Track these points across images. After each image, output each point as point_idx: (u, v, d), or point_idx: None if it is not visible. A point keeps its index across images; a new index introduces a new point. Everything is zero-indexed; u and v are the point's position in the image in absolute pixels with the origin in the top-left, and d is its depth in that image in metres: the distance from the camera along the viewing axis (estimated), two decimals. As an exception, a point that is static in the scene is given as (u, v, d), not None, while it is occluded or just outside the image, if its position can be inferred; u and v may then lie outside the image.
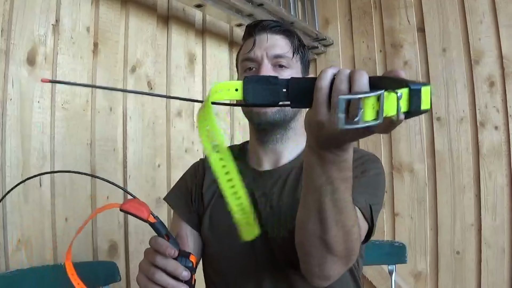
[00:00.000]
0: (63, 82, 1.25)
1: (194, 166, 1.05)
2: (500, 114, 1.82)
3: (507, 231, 1.78)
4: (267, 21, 0.96)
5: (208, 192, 0.97)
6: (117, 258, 1.34)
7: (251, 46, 0.92)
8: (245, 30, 0.98)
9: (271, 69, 0.90)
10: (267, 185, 0.93)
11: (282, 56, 0.91)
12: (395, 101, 0.47)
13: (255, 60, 0.91)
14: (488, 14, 1.86)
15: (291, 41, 0.95)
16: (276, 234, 0.88)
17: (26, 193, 1.12)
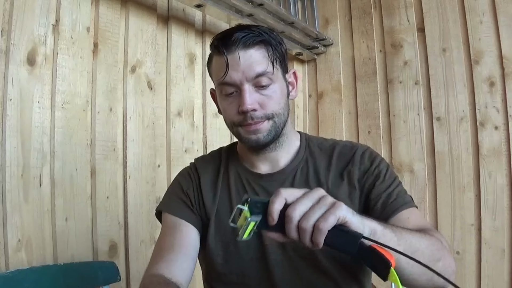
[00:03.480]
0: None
1: (186, 171, 1.01)
2: (500, 114, 1.82)
3: (507, 231, 1.78)
4: (238, 32, 0.85)
5: (208, 196, 0.94)
6: (117, 258, 1.34)
7: (224, 69, 0.84)
8: (211, 43, 0.90)
9: (253, 92, 0.85)
10: (273, 187, 0.90)
11: (263, 74, 0.84)
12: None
13: (233, 84, 0.85)
14: (488, 14, 1.85)
15: (267, 50, 0.86)
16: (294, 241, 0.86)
17: (26, 193, 1.12)
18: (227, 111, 0.88)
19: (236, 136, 0.91)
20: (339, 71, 2.26)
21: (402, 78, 2.06)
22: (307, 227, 0.58)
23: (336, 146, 0.95)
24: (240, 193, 0.92)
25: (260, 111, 0.85)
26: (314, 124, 2.32)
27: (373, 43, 2.16)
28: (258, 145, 0.88)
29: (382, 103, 2.12)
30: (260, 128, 0.85)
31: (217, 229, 0.91)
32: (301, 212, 0.59)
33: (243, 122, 0.85)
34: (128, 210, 1.39)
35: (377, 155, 0.94)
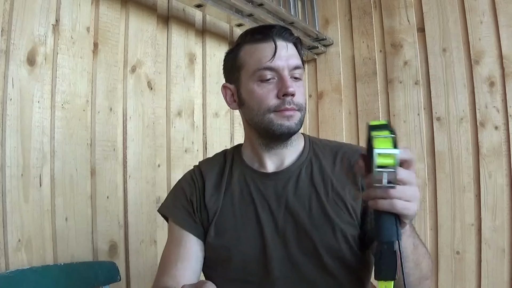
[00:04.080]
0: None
1: (190, 175, 1.01)
2: (500, 114, 1.82)
3: (507, 231, 1.78)
4: (277, 27, 0.92)
5: (211, 200, 0.94)
6: (117, 258, 1.34)
7: (272, 54, 0.88)
8: (249, 34, 0.94)
9: (291, 81, 0.89)
10: (278, 185, 0.92)
11: (299, 67, 0.91)
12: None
13: (276, 70, 0.88)
14: (488, 14, 1.85)
15: (299, 49, 0.94)
16: (296, 238, 0.88)
17: (26, 193, 1.12)
18: (263, 96, 0.88)
19: (266, 124, 0.89)
20: (339, 71, 2.26)
21: (402, 78, 2.06)
22: (395, 196, 0.65)
23: (340, 148, 0.97)
24: (243, 192, 0.93)
25: (297, 97, 0.88)
26: (314, 124, 2.32)
27: (373, 43, 2.16)
28: (288, 132, 0.89)
29: (382, 103, 2.12)
30: (294, 115, 0.88)
31: (218, 228, 0.92)
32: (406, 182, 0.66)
33: (280, 106, 0.87)
34: (128, 210, 1.39)
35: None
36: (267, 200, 0.91)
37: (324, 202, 0.90)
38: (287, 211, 0.90)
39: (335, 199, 0.90)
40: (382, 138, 0.62)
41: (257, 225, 0.90)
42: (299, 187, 0.92)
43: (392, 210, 0.65)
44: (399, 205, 0.65)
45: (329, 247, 0.87)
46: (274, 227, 0.89)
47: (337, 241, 0.87)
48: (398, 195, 0.65)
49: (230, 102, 0.97)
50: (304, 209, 0.89)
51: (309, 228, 0.88)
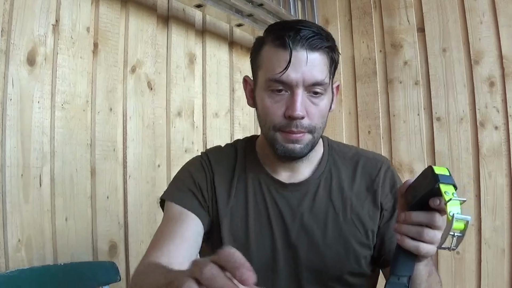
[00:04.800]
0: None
1: (198, 161, 0.93)
2: (500, 114, 1.82)
3: (507, 231, 1.78)
4: (306, 30, 0.78)
5: (222, 197, 0.88)
6: (117, 258, 1.34)
7: (285, 66, 0.77)
8: (271, 31, 0.82)
9: (305, 98, 0.80)
10: (294, 199, 0.87)
11: (321, 84, 0.80)
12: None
13: (288, 84, 0.79)
14: (488, 14, 1.85)
15: (329, 59, 0.82)
16: (307, 254, 0.85)
17: (26, 193, 1.12)
18: (270, 110, 0.81)
19: (270, 140, 0.84)
20: (339, 71, 2.26)
21: (402, 78, 2.06)
22: (424, 239, 0.67)
23: (360, 158, 0.93)
24: (257, 200, 0.88)
25: (306, 120, 0.80)
26: (314, 124, 2.32)
27: (373, 43, 2.16)
28: (291, 156, 0.82)
29: (382, 103, 2.12)
30: (301, 138, 0.81)
31: (230, 234, 0.86)
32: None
33: (285, 127, 0.80)
34: (128, 210, 1.39)
35: (396, 175, 0.94)
36: (282, 213, 0.86)
37: (341, 221, 0.86)
38: (301, 227, 0.86)
39: (353, 219, 0.87)
40: (456, 201, 0.62)
41: (269, 237, 0.86)
42: (316, 202, 0.87)
43: (416, 252, 0.67)
44: (424, 249, 0.66)
45: (339, 268, 0.85)
46: (286, 241, 0.86)
47: (349, 262, 0.85)
48: (427, 239, 0.66)
49: (248, 98, 0.91)
50: (319, 226, 0.86)
51: (322, 247, 0.85)
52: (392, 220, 0.89)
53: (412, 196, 0.68)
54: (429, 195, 0.65)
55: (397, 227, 0.69)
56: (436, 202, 0.64)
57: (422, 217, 0.66)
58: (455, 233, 0.62)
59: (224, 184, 0.89)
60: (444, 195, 0.62)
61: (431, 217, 0.66)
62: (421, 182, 0.67)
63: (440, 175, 0.64)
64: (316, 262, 0.85)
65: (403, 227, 0.68)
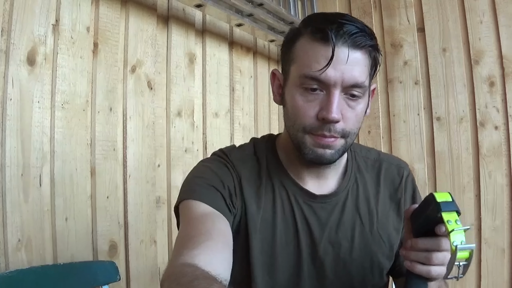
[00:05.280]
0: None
1: (221, 162, 0.82)
2: (500, 114, 1.82)
3: (507, 231, 1.78)
4: (350, 25, 0.71)
5: (252, 206, 0.79)
6: (117, 258, 1.34)
7: (325, 63, 0.70)
8: (311, 23, 0.75)
9: (342, 100, 0.73)
10: (322, 212, 0.82)
11: (360, 86, 0.73)
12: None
13: (325, 83, 0.71)
14: (488, 14, 1.86)
15: (371, 59, 0.76)
16: (333, 269, 0.82)
17: (26, 193, 1.12)
18: (301, 111, 0.74)
19: (298, 143, 0.77)
20: (339, 71, 2.26)
21: (402, 78, 2.06)
22: (434, 263, 0.67)
23: (382, 163, 0.90)
24: (285, 211, 0.81)
25: (341, 125, 0.73)
26: (314, 124, 2.32)
27: (373, 43, 2.15)
28: (320, 161, 0.76)
29: (382, 103, 2.12)
30: (333, 144, 0.74)
31: (260, 246, 0.80)
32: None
33: (317, 130, 0.73)
34: (128, 210, 1.39)
35: (414, 180, 0.92)
36: (310, 225, 0.81)
37: (367, 234, 0.83)
38: (329, 241, 0.81)
39: (380, 231, 0.84)
40: (459, 231, 0.62)
41: (295, 251, 0.80)
42: (344, 215, 0.83)
43: (427, 276, 0.67)
44: (435, 272, 0.66)
45: (363, 283, 0.83)
46: (313, 256, 0.81)
47: (373, 276, 0.84)
48: (437, 262, 0.65)
49: (276, 93, 0.83)
50: (346, 240, 0.82)
51: (348, 262, 0.82)
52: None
53: (417, 223, 0.68)
54: (433, 222, 0.65)
55: (405, 253, 0.68)
56: (442, 229, 0.63)
57: (429, 243, 0.66)
58: (460, 262, 0.62)
59: (253, 191, 0.81)
60: (447, 225, 0.62)
61: (438, 243, 0.65)
62: (424, 209, 0.67)
63: (442, 203, 0.63)
64: (341, 277, 0.82)
65: (412, 254, 0.67)
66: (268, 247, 0.80)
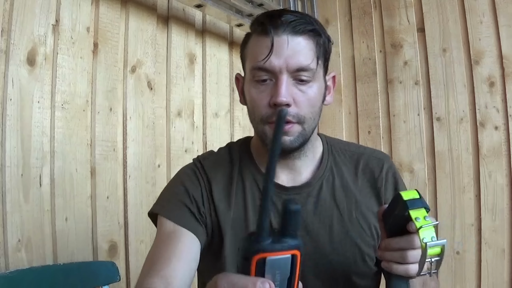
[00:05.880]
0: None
1: (192, 170, 0.87)
2: (500, 114, 1.82)
3: (507, 231, 1.78)
4: (287, 15, 0.76)
5: (221, 206, 0.83)
6: (117, 258, 1.34)
7: (267, 52, 0.75)
8: (255, 22, 0.80)
9: (291, 85, 0.76)
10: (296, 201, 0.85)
11: (306, 69, 0.76)
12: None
13: (271, 71, 0.76)
14: (488, 14, 1.85)
15: (315, 43, 0.78)
16: (314, 260, 0.81)
17: (26, 193, 1.12)
18: (256, 101, 0.78)
19: (260, 135, 0.80)
20: (339, 71, 2.26)
21: (402, 78, 2.06)
22: (410, 261, 0.66)
23: (361, 155, 0.91)
24: (257, 206, 0.82)
25: (294, 109, 0.76)
26: (314, 124, 2.32)
27: (373, 43, 2.16)
28: (282, 149, 0.77)
29: (382, 103, 2.12)
30: (289, 130, 0.77)
31: (234, 244, 0.81)
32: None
33: (272, 117, 0.76)
34: (128, 210, 1.39)
35: (397, 172, 0.92)
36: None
37: (347, 223, 0.84)
38: (306, 232, 0.82)
39: (359, 219, 0.84)
40: (428, 227, 0.62)
41: None
42: (319, 205, 0.84)
43: (406, 275, 0.67)
44: (413, 270, 0.66)
45: (347, 272, 0.83)
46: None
47: (356, 264, 0.83)
48: (413, 260, 0.65)
49: (240, 95, 0.87)
50: (324, 230, 0.83)
51: (329, 252, 0.82)
52: None
53: (388, 223, 0.69)
54: (403, 221, 0.65)
55: (381, 254, 0.69)
56: (413, 227, 0.63)
57: (402, 242, 0.66)
58: (432, 258, 0.62)
59: (223, 193, 0.84)
60: (415, 222, 0.62)
61: (411, 241, 0.65)
62: (393, 209, 0.67)
63: (409, 201, 0.64)
64: (322, 266, 0.82)
65: (387, 254, 0.67)
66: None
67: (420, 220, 0.62)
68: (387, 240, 0.68)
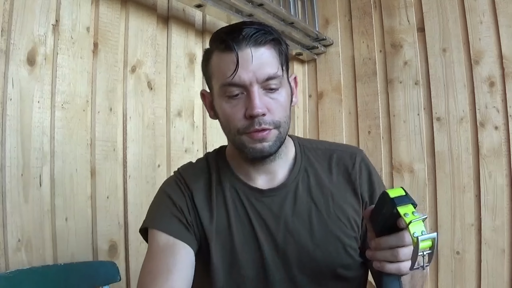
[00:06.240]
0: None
1: (174, 181, 0.91)
2: (500, 114, 1.82)
3: (507, 231, 1.78)
4: (247, 28, 0.78)
5: (205, 215, 0.86)
6: (117, 258, 1.34)
7: (234, 67, 0.76)
8: (216, 39, 0.81)
9: (262, 95, 0.79)
10: (274, 204, 0.86)
11: (274, 77, 0.79)
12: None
13: (241, 85, 0.78)
14: (488, 14, 1.86)
15: (278, 51, 0.81)
16: (298, 258, 0.84)
17: (26, 193, 1.12)
18: (230, 116, 0.80)
19: (238, 146, 0.83)
20: (339, 71, 2.26)
21: (402, 78, 2.06)
22: (401, 259, 0.66)
23: (333, 152, 0.93)
24: (238, 210, 0.86)
25: (269, 116, 0.79)
26: (314, 124, 2.32)
27: (373, 43, 2.16)
28: (262, 155, 0.81)
29: (382, 103, 2.12)
30: (267, 136, 0.79)
31: (220, 250, 0.85)
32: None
33: (249, 128, 0.79)
34: (128, 210, 1.39)
35: (371, 165, 0.93)
36: (264, 220, 0.85)
37: (325, 218, 0.86)
38: (287, 231, 0.85)
39: (337, 213, 0.87)
40: (418, 222, 0.62)
41: (255, 247, 0.84)
42: (297, 204, 0.86)
43: (398, 273, 0.67)
44: (405, 268, 0.66)
45: (332, 266, 0.85)
46: (274, 248, 0.84)
47: (340, 258, 0.85)
48: (404, 258, 0.66)
49: (209, 110, 0.89)
50: (305, 227, 0.85)
51: (311, 248, 0.84)
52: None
53: (376, 223, 0.69)
54: (392, 219, 0.65)
55: (372, 254, 0.69)
56: (402, 224, 0.64)
57: (391, 240, 0.67)
58: (424, 252, 0.63)
59: (205, 201, 0.87)
60: (404, 218, 0.63)
61: (401, 238, 0.66)
62: (381, 208, 0.67)
63: (395, 198, 0.64)
64: (307, 263, 0.84)
65: (378, 253, 0.68)
66: (228, 250, 0.84)
67: (409, 215, 0.63)
68: (377, 239, 0.69)
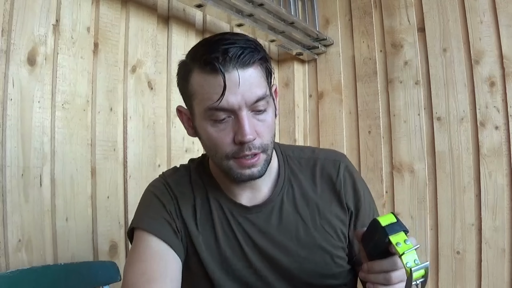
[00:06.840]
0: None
1: (161, 184, 0.88)
2: (500, 114, 1.82)
3: (507, 231, 1.77)
4: (233, 48, 0.72)
5: (192, 226, 0.84)
6: (117, 258, 1.34)
7: (221, 91, 0.71)
8: (198, 57, 0.75)
9: (251, 118, 0.75)
10: (260, 220, 0.85)
11: (263, 98, 0.75)
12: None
13: (229, 110, 0.73)
14: (489, 14, 1.85)
15: (265, 69, 0.77)
16: (288, 272, 0.84)
17: (26, 193, 1.12)
18: (217, 140, 0.76)
19: (225, 169, 0.79)
20: (340, 71, 2.26)
21: (403, 78, 2.06)
22: (395, 282, 0.67)
23: (316, 160, 0.91)
24: (224, 226, 0.84)
25: (258, 140, 0.76)
26: (314, 124, 2.32)
27: (373, 43, 2.16)
28: (250, 179, 0.79)
29: (383, 103, 2.12)
30: (257, 162, 0.77)
31: (211, 262, 0.83)
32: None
33: (238, 153, 0.75)
34: (129, 210, 1.39)
35: (355, 171, 0.92)
36: (251, 237, 0.84)
37: (312, 231, 0.85)
38: (274, 246, 0.84)
39: (324, 225, 0.86)
40: (410, 251, 0.62)
41: (245, 262, 0.84)
42: (283, 218, 0.85)
43: (382, 281, 0.67)
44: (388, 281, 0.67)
45: (321, 277, 0.85)
46: (264, 264, 0.84)
47: (329, 269, 0.85)
48: (397, 281, 0.66)
49: (187, 127, 0.84)
50: (292, 242, 0.84)
51: (300, 261, 0.84)
52: (357, 220, 0.89)
53: (368, 248, 0.69)
54: (384, 245, 0.65)
55: (365, 276, 0.70)
56: (395, 252, 0.65)
57: (384, 265, 0.67)
58: (417, 281, 0.63)
59: (189, 210, 0.85)
60: (397, 248, 0.62)
61: (393, 263, 0.66)
62: (372, 235, 0.68)
63: (387, 226, 0.64)
64: (297, 276, 0.84)
65: (371, 276, 0.68)
66: (219, 261, 0.83)
67: (401, 245, 0.62)
68: (370, 263, 0.69)
